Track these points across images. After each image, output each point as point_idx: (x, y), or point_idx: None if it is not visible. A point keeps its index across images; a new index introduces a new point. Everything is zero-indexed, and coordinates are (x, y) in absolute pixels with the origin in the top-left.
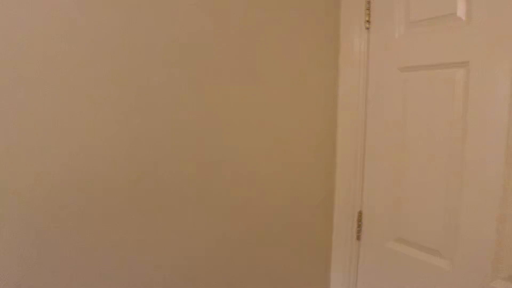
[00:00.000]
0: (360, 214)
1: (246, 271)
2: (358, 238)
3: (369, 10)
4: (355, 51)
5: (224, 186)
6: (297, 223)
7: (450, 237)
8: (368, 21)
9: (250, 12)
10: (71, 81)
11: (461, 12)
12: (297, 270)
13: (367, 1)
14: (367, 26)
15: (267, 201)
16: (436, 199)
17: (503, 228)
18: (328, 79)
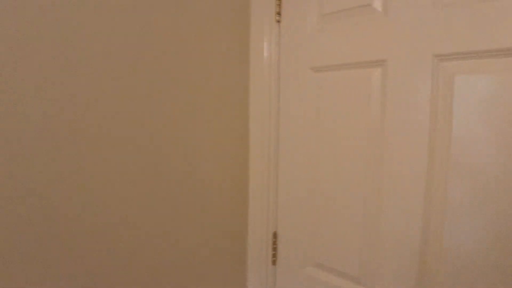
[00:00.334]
0: (275, 235)
1: None
2: (273, 262)
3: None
4: (265, 48)
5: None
6: (208, 246)
7: (370, 263)
8: (279, 13)
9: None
10: None
11: (377, 2)
12: None
13: None
14: (278, 18)
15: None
16: (354, 216)
17: (426, 250)
18: (239, 82)
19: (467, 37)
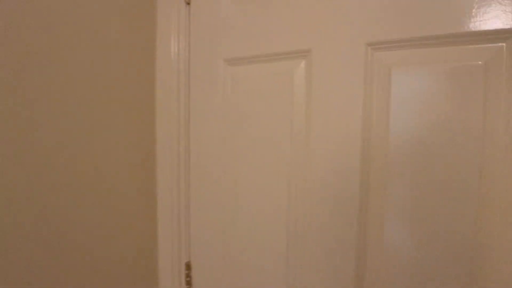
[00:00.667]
0: (188, 266)
1: None
2: None
3: None
4: (173, 36)
5: None
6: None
7: (298, 283)
8: None
9: None
10: None
11: None
12: None
13: None
14: (187, 0)
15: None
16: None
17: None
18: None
19: (406, 22)
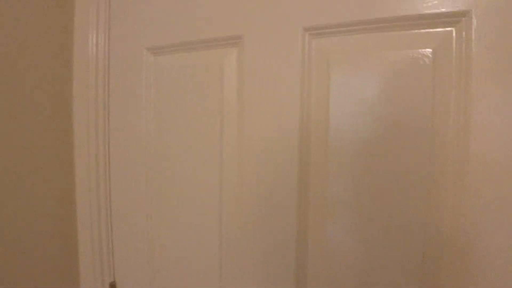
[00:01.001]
0: (113, 286)
1: None
2: None
3: None
4: (91, 26)
5: None
6: None
7: None
8: None
9: None
10: None
11: None
12: None
13: None
14: None
15: None
16: (208, 252)
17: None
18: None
19: (346, 4)
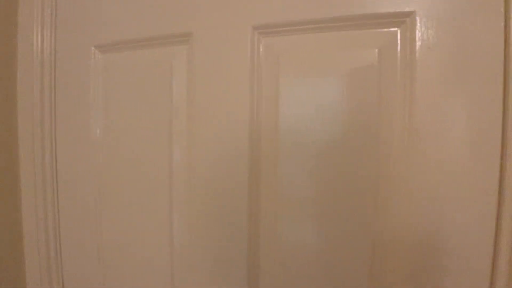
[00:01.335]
0: None
1: None
2: None
3: None
4: (35, 22)
5: None
6: None
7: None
8: None
9: None
10: None
11: None
12: None
13: None
14: None
15: None
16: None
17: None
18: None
19: (295, 3)
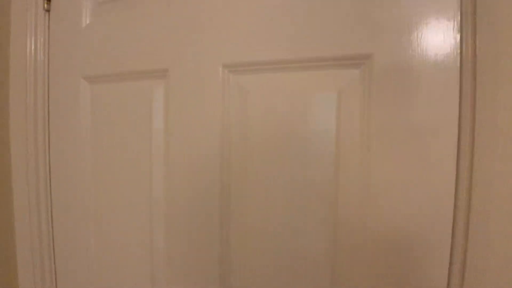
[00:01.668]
0: None
1: None
2: None
3: None
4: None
5: None
6: None
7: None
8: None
9: None
10: None
11: None
12: None
13: None
14: (47, 7)
15: None
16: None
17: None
18: None
19: (260, 45)
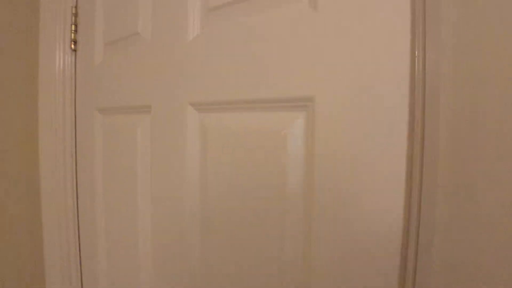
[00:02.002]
0: None
1: None
2: None
3: (76, 25)
4: (57, 84)
5: None
6: None
7: None
8: (74, 41)
9: None
10: None
11: (144, 29)
12: None
13: (73, 13)
14: (74, 47)
15: None
16: None
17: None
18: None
19: (217, 87)
